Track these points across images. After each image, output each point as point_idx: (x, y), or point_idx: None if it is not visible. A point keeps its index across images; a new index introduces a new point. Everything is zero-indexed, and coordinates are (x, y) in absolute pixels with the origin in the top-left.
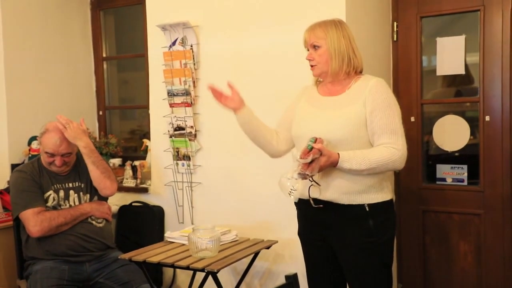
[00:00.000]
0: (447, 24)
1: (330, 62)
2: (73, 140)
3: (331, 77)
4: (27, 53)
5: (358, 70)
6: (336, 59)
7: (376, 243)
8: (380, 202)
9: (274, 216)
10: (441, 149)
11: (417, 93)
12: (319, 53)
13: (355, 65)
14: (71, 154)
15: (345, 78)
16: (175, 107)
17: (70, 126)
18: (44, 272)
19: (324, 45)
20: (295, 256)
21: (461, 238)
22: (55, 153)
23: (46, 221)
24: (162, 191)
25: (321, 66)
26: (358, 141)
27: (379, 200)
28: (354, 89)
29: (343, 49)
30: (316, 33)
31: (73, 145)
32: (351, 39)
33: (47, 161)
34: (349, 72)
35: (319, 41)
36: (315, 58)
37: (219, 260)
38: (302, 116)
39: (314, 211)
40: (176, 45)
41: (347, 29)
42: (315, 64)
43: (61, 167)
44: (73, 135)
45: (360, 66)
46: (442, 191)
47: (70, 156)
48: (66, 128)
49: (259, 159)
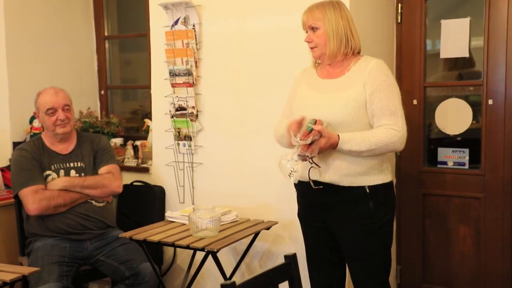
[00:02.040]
0: (452, 6)
1: (328, 44)
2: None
3: (329, 59)
4: (28, 32)
5: (356, 51)
6: (334, 41)
7: (375, 224)
8: (380, 184)
9: (274, 197)
10: (443, 132)
11: (420, 76)
12: (318, 34)
13: (352, 46)
14: (70, 107)
15: (343, 60)
16: (176, 87)
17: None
18: (45, 249)
19: (322, 26)
20: (294, 237)
21: (460, 221)
22: (56, 105)
23: (44, 200)
24: (163, 171)
25: (320, 47)
26: (358, 123)
27: (379, 182)
28: (354, 71)
29: (341, 30)
30: (314, 15)
31: (69, 98)
32: (349, 19)
33: (51, 122)
34: (346, 53)
35: (317, 22)
36: (314, 40)
37: (219, 240)
38: (302, 99)
39: (314, 193)
40: (178, 24)
41: (345, 10)
42: (314, 46)
43: (65, 122)
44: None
45: (357, 47)
46: (443, 175)
47: (70, 110)
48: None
49: (260, 140)
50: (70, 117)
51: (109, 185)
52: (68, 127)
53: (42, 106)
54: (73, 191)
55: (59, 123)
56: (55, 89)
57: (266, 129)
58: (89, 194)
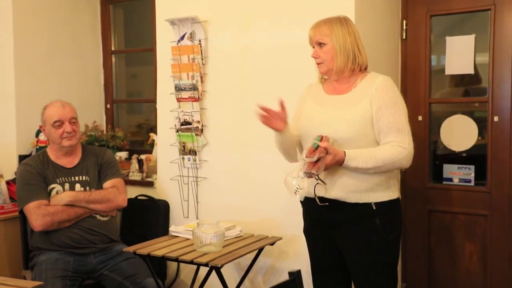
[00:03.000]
0: (457, 23)
1: (336, 59)
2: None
3: (336, 75)
4: (36, 45)
5: (362, 67)
6: (341, 56)
7: (382, 242)
8: (387, 201)
9: (279, 212)
10: (449, 149)
11: (425, 92)
12: (325, 50)
13: (359, 62)
14: (76, 120)
15: (350, 76)
16: (182, 102)
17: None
18: (49, 263)
19: (329, 42)
20: (299, 253)
21: (466, 238)
22: (63, 117)
23: (48, 215)
24: (168, 185)
25: (327, 63)
26: (365, 139)
27: (386, 199)
28: (361, 87)
29: (348, 46)
30: (321, 30)
31: (75, 111)
32: (356, 35)
33: (58, 134)
34: (353, 69)
35: (324, 38)
36: (321, 55)
37: (223, 255)
38: (309, 115)
39: (320, 209)
40: (184, 39)
41: (352, 26)
42: (320, 62)
43: (71, 135)
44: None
45: (364, 63)
46: (449, 191)
47: (76, 123)
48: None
49: (265, 155)
50: (77, 130)
51: (114, 199)
52: (74, 140)
53: (49, 119)
54: (78, 206)
55: (66, 136)
56: (62, 102)
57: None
58: (94, 209)
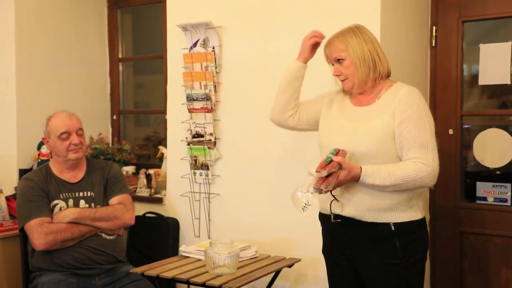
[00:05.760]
0: (492, 29)
1: (357, 73)
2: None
3: (358, 88)
4: (39, 52)
5: (384, 75)
6: (363, 68)
7: (402, 265)
8: (408, 221)
9: (297, 232)
10: (482, 165)
11: (456, 103)
12: (345, 65)
13: (380, 70)
14: (83, 132)
15: (374, 86)
16: (194, 113)
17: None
18: (51, 285)
19: (347, 56)
20: (319, 276)
21: (503, 263)
22: (70, 128)
23: (51, 234)
24: (178, 202)
25: (351, 78)
26: (385, 155)
27: (407, 219)
28: (384, 99)
29: (368, 55)
30: (336, 46)
31: (81, 122)
32: (374, 41)
33: (64, 147)
34: (375, 78)
35: (341, 54)
36: (342, 72)
37: (237, 277)
38: (330, 126)
39: (336, 227)
40: (197, 46)
41: (367, 33)
42: (345, 78)
43: (78, 147)
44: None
45: (385, 70)
46: (482, 211)
47: (83, 135)
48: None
49: (283, 170)
50: (83, 142)
51: (121, 216)
52: (81, 153)
53: (55, 130)
54: (83, 223)
55: (73, 148)
56: (68, 113)
57: (288, 158)
58: (100, 227)
